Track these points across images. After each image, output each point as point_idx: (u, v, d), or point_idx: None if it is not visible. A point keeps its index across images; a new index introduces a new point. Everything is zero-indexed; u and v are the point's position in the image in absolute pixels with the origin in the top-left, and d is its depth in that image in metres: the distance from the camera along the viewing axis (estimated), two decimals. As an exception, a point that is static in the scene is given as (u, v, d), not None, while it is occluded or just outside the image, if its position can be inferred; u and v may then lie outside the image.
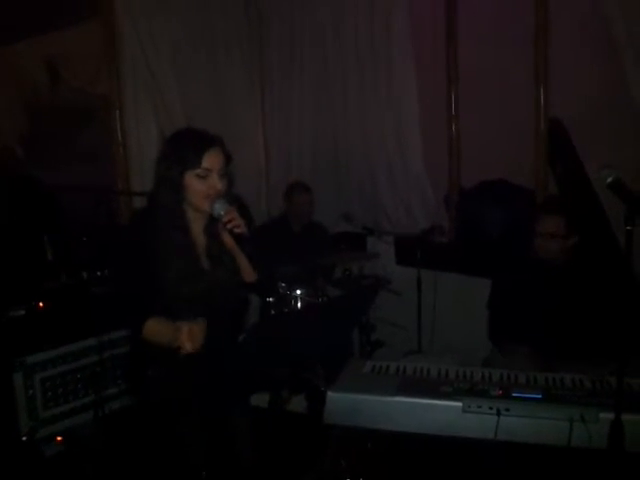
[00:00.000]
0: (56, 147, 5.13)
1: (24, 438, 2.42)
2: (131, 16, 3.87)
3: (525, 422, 2.16)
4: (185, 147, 1.98)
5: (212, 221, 2.06)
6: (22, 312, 2.42)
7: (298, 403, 2.96)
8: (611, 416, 1.97)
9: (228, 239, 2.02)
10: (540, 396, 2.22)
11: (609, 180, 1.65)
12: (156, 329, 1.99)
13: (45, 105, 5.52)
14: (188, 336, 1.96)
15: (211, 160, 1.96)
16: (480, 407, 2.18)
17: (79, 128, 5.23)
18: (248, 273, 2.09)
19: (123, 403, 2.63)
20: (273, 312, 2.53)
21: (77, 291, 2.09)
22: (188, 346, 1.96)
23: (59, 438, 2.81)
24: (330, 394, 2.33)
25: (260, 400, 2.85)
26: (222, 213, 1.96)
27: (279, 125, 4.52)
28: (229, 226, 1.96)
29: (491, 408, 2.17)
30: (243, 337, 2.06)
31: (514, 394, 2.23)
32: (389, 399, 2.28)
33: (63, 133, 5.22)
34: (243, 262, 2.06)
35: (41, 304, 2.42)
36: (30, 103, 5.49)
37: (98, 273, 2.48)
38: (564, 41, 3.38)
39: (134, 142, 4.08)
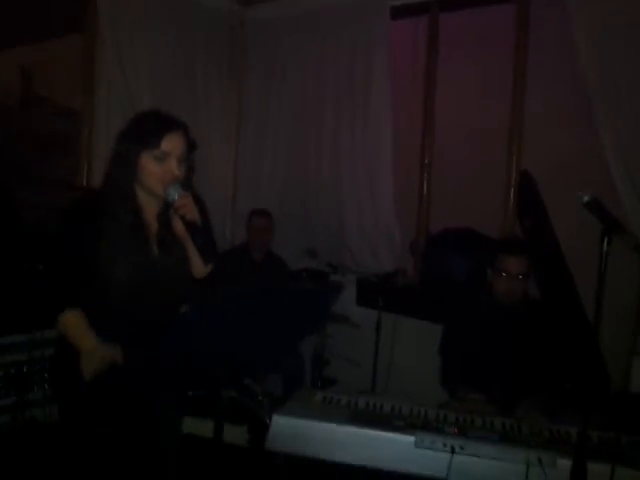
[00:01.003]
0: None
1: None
2: (114, 35, 3.81)
3: (480, 462, 2.04)
4: (146, 126, 1.88)
5: (166, 208, 1.94)
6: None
7: (239, 435, 2.78)
8: (569, 462, 1.88)
9: (179, 227, 1.90)
10: (497, 437, 2.12)
11: (586, 199, 1.62)
12: (75, 328, 1.85)
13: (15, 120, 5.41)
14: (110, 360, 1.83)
15: (171, 143, 1.86)
16: (434, 443, 2.06)
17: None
18: (197, 267, 1.96)
19: (46, 413, 2.39)
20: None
21: (15, 282, 1.92)
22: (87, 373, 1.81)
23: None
24: (276, 417, 2.19)
25: (197, 427, 2.67)
26: (175, 198, 1.85)
27: (252, 157, 4.48)
28: (181, 212, 1.85)
29: (445, 445, 2.05)
30: (182, 322, 1.89)
31: (470, 433, 2.12)
32: (338, 427, 2.14)
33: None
34: (193, 254, 1.94)
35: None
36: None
37: (40, 267, 2.31)
38: (540, 97, 3.46)
39: (101, 161, 3.97)
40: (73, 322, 1.85)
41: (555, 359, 2.65)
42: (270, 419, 2.22)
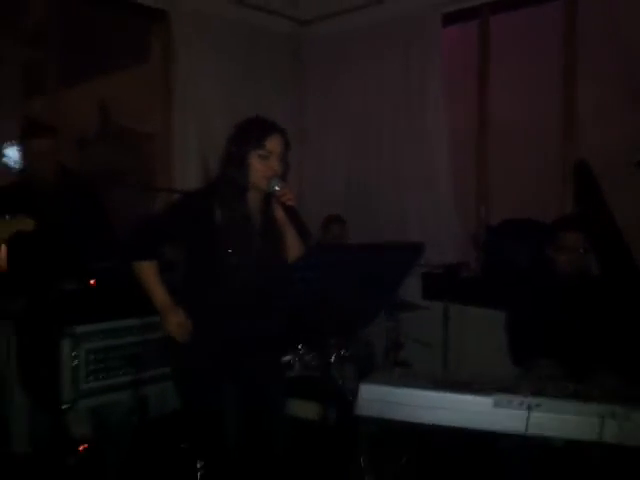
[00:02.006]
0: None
1: (64, 407, 2.50)
2: (188, 62, 4.20)
3: (556, 419, 2.21)
4: (252, 130, 2.19)
5: (267, 201, 2.24)
6: (74, 286, 2.59)
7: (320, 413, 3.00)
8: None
9: (280, 213, 2.19)
10: (571, 395, 2.28)
11: (638, 158, 1.81)
12: (149, 278, 2.16)
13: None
14: (178, 324, 2.13)
15: (273, 143, 2.17)
16: (511, 402, 2.25)
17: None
18: (294, 249, 2.25)
19: (159, 387, 2.74)
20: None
21: (126, 273, 2.26)
22: (178, 336, 2.13)
23: (81, 448, 2.89)
24: (363, 386, 2.41)
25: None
26: (277, 188, 2.14)
27: (317, 164, 4.76)
28: (283, 199, 2.14)
29: (522, 404, 2.23)
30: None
31: (544, 392, 2.30)
32: (422, 392, 2.35)
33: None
34: (290, 238, 2.23)
35: (92, 281, 2.60)
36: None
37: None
38: (592, 86, 3.61)
39: (178, 173, 4.36)
40: (149, 271, 2.17)
41: (618, 331, 2.78)
42: (353, 397, 2.46)
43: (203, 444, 2.27)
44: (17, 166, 3.35)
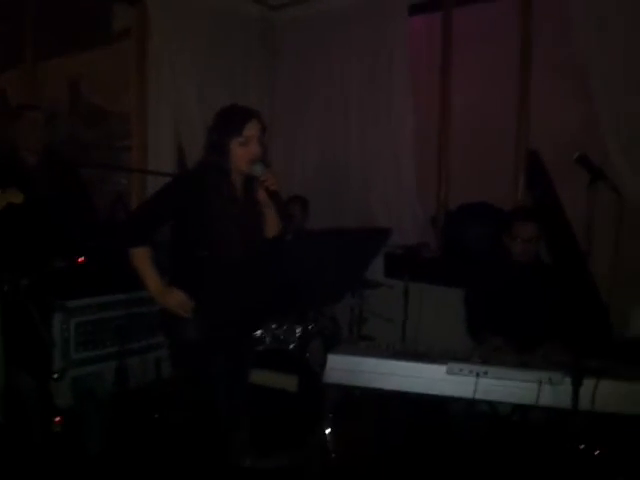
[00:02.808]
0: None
1: (55, 376, 2.68)
2: (163, 41, 4.29)
3: (500, 384, 2.49)
4: (230, 119, 2.38)
5: (248, 182, 2.44)
6: (64, 264, 2.74)
7: (291, 383, 3.23)
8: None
9: (263, 195, 2.39)
10: (514, 364, 2.56)
11: (576, 155, 2.06)
12: (143, 264, 2.35)
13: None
14: (179, 304, 2.33)
15: (251, 130, 2.36)
16: (462, 370, 2.51)
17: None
18: (272, 228, 2.48)
19: (139, 359, 2.95)
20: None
21: (113, 251, 2.43)
22: (181, 311, 2.33)
23: (57, 419, 3.06)
24: (331, 356, 2.65)
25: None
26: (260, 173, 2.34)
27: (285, 146, 4.92)
28: (266, 184, 2.33)
29: (471, 371, 2.50)
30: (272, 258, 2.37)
31: (492, 361, 2.57)
32: (384, 361, 2.60)
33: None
34: (270, 218, 2.45)
35: (81, 259, 2.76)
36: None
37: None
38: (545, 79, 3.87)
39: (152, 150, 4.47)
40: (143, 257, 2.36)
41: (563, 309, 3.08)
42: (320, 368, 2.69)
43: (196, 410, 2.47)
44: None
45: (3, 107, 5.06)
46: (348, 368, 2.62)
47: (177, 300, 2.35)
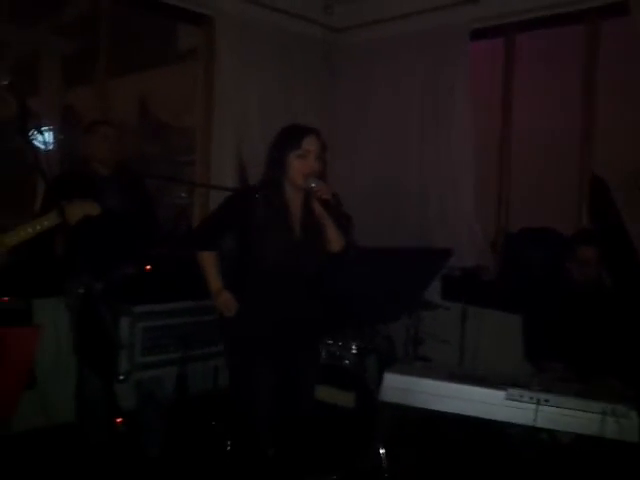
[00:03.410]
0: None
1: (121, 378, 2.79)
2: (230, 61, 4.44)
3: (562, 413, 2.44)
4: (289, 133, 2.47)
5: (308, 197, 2.49)
6: (133, 271, 2.87)
7: (347, 400, 3.24)
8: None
9: (318, 207, 2.45)
10: (577, 392, 2.50)
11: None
12: (207, 266, 2.50)
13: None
14: (224, 304, 2.45)
15: (309, 143, 2.42)
16: (522, 396, 2.48)
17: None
18: (335, 242, 2.51)
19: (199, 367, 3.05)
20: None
21: (179, 260, 2.56)
22: (225, 311, 2.46)
23: (119, 420, 3.17)
24: (387, 374, 2.66)
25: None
26: (313, 185, 2.40)
27: (343, 165, 4.99)
28: (318, 194, 2.39)
29: (532, 398, 2.46)
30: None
31: (553, 389, 2.52)
32: (441, 383, 2.59)
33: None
34: (331, 232, 2.49)
35: (148, 267, 2.89)
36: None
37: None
38: (611, 104, 3.81)
39: (215, 165, 4.61)
40: (208, 260, 2.52)
41: (624, 338, 3.00)
42: (375, 386, 2.69)
43: (240, 414, 2.52)
44: (46, 148, 3.65)
45: (72, 122, 5.33)
46: (405, 387, 2.62)
47: (223, 300, 2.48)
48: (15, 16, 4.26)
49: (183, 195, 5.36)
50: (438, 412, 2.59)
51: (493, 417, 2.51)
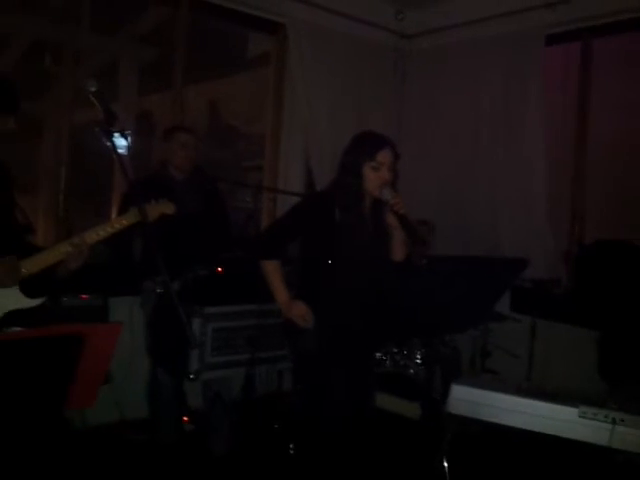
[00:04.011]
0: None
1: (191, 376, 2.87)
2: (301, 68, 4.50)
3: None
4: (365, 143, 2.47)
5: (377, 206, 2.50)
6: (206, 272, 2.95)
7: (412, 410, 3.21)
8: None
9: (392, 219, 2.44)
10: (656, 414, 2.38)
11: None
12: (272, 276, 2.50)
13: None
14: (301, 314, 2.44)
15: (384, 156, 2.44)
16: (596, 415, 2.38)
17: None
18: (398, 252, 2.51)
19: (271, 367, 3.10)
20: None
21: (248, 263, 2.61)
22: (301, 322, 2.44)
23: (186, 418, 3.25)
24: (455, 386, 2.61)
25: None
26: (389, 197, 2.40)
27: (412, 174, 4.92)
28: (395, 208, 2.38)
29: (607, 417, 2.36)
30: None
31: (631, 408, 2.40)
32: (510, 397, 2.52)
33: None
34: (398, 241, 2.49)
35: (219, 269, 2.96)
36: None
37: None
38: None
39: (283, 171, 4.68)
40: (272, 270, 2.52)
41: None
42: (440, 396, 2.66)
43: (310, 421, 2.53)
44: (124, 152, 3.78)
45: (149, 128, 5.51)
46: (473, 400, 2.56)
47: (299, 311, 2.47)
48: (96, 25, 4.46)
49: (247, 200, 5.47)
50: (505, 427, 2.51)
51: (564, 435, 2.42)
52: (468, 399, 2.56)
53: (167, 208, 2.29)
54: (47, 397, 1.63)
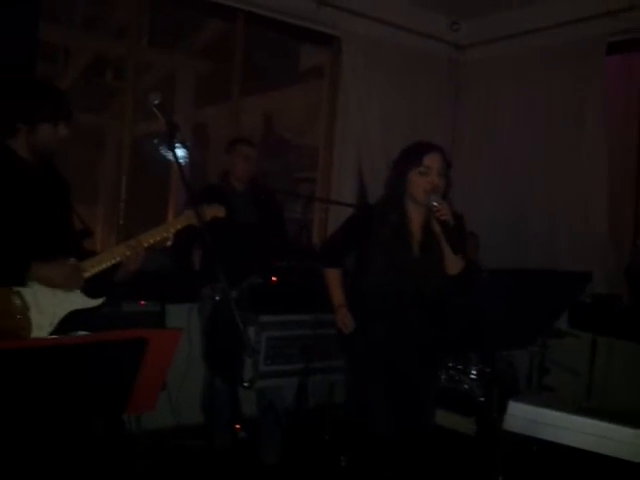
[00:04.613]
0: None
1: (246, 384, 2.89)
2: (354, 81, 4.53)
3: None
4: (411, 150, 2.46)
5: (429, 216, 2.44)
6: (261, 281, 2.98)
7: (467, 425, 3.15)
8: None
9: (436, 227, 2.39)
10: None
11: None
12: (331, 283, 2.54)
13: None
14: (342, 320, 2.47)
15: (431, 160, 2.38)
16: (662, 437, 2.27)
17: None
18: (450, 265, 2.44)
19: (324, 378, 3.10)
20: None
21: (303, 273, 2.63)
22: (343, 328, 2.48)
23: (238, 426, 3.27)
24: (512, 403, 2.54)
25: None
26: (435, 204, 2.33)
27: (467, 185, 4.87)
28: (438, 214, 2.33)
29: (673, 439, 2.25)
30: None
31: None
32: (568, 416, 2.44)
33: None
34: (449, 253, 2.41)
35: (274, 278, 2.98)
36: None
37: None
38: None
39: (335, 183, 4.69)
40: (332, 277, 2.56)
41: None
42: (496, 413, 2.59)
43: (356, 429, 2.52)
44: (183, 163, 3.88)
45: (204, 140, 5.63)
46: (531, 418, 2.49)
47: (341, 317, 2.50)
48: (155, 40, 4.61)
49: (298, 210, 5.52)
50: (564, 446, 2.43)
51: (625, 457, 2.32)
52: (526, 416, 2.49)
53: (219, 211, 2.32)
54: (109, 401, 1.67)
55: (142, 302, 3.17)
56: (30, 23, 2.90)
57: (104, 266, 2.13)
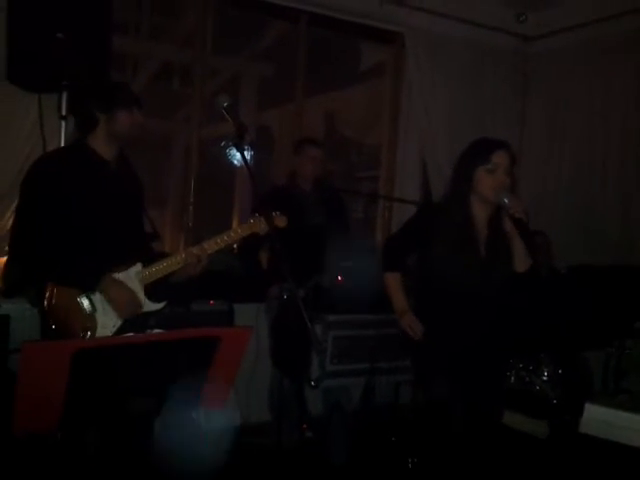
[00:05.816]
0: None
1: (313, 383, 2.91)
2: (418, 78, 4.49)
3: None
4: (478, 147, 2.38)
5: (496, 214, 2.38)
6: (327, 281, 3.00)
7: (539, 428, 3.05)
8: None
9: (509, 226, 2.32)
10: None
11: None
12: (392, 286, 2.50)
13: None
14: (409, 326, 2.42)
15: (499, 157, 2.31)
16: None
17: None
18: (521, 262, 2.36)
19: (389, 378, 3.08)
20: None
21: (368, 273, 2.61)
22: (411, 333, 2.42)
23: (305, 426, 3.28)
24: (589, 405, 2.45)
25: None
26: (506, 201, 2.27)
27: (535, 181, 4.74)
28: (511, 211, 2.26)
29: None
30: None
31: None
32: (651, 420, 2.33)
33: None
34: (518, 250, 2.34)
35: (340, 278, 2.99)
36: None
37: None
38: None
39: (399, 181, 4.65)
40: (392, 281, 2.52)
41: None
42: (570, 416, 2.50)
43: (427, 432, 2.48)
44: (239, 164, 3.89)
45: (267, 142, 5.70)
46: (608, 421, 2.39)
47: (408, 322, 2.44)
48: (219, 46, 4.70)
49: (359, 210, 5.50)
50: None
51: None
52: (602, 420, 2.40)
53: (281, 222, 2.35)
54: (182, 397, 1.72)
55: (211, 302, 3.25)
56: (103, 36, 3.03)
57: (163, 274, 2.21)
